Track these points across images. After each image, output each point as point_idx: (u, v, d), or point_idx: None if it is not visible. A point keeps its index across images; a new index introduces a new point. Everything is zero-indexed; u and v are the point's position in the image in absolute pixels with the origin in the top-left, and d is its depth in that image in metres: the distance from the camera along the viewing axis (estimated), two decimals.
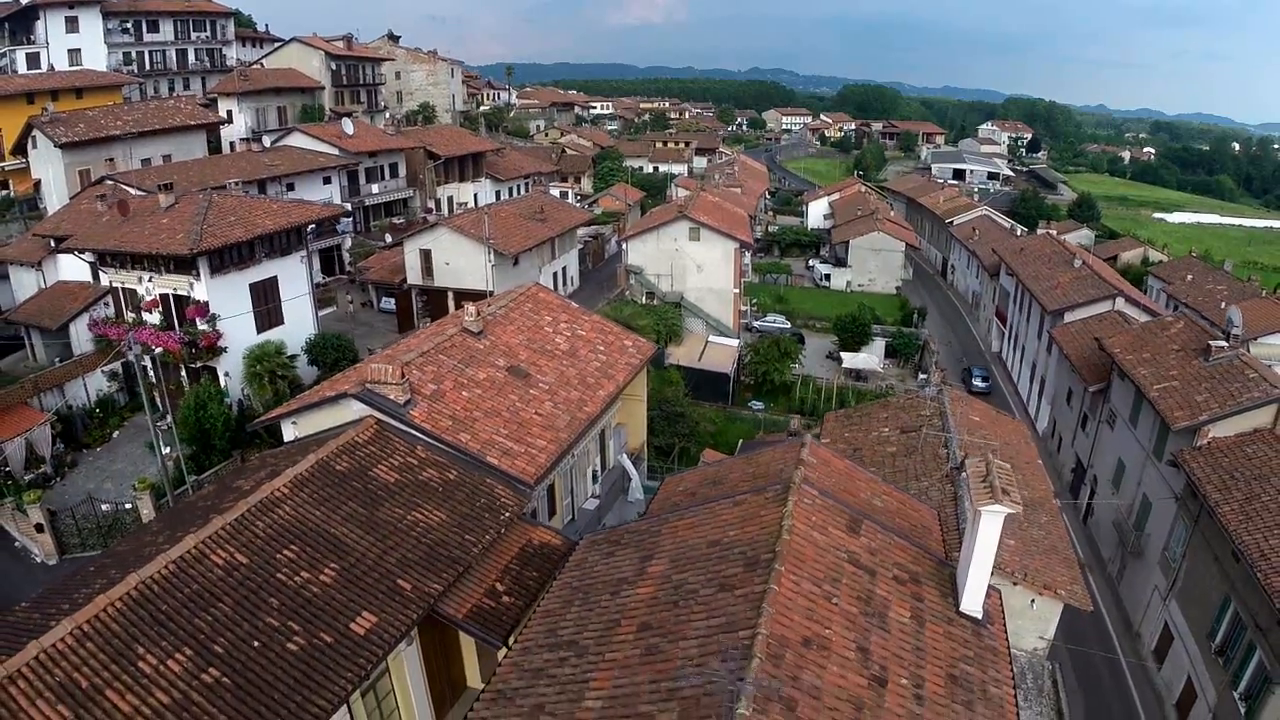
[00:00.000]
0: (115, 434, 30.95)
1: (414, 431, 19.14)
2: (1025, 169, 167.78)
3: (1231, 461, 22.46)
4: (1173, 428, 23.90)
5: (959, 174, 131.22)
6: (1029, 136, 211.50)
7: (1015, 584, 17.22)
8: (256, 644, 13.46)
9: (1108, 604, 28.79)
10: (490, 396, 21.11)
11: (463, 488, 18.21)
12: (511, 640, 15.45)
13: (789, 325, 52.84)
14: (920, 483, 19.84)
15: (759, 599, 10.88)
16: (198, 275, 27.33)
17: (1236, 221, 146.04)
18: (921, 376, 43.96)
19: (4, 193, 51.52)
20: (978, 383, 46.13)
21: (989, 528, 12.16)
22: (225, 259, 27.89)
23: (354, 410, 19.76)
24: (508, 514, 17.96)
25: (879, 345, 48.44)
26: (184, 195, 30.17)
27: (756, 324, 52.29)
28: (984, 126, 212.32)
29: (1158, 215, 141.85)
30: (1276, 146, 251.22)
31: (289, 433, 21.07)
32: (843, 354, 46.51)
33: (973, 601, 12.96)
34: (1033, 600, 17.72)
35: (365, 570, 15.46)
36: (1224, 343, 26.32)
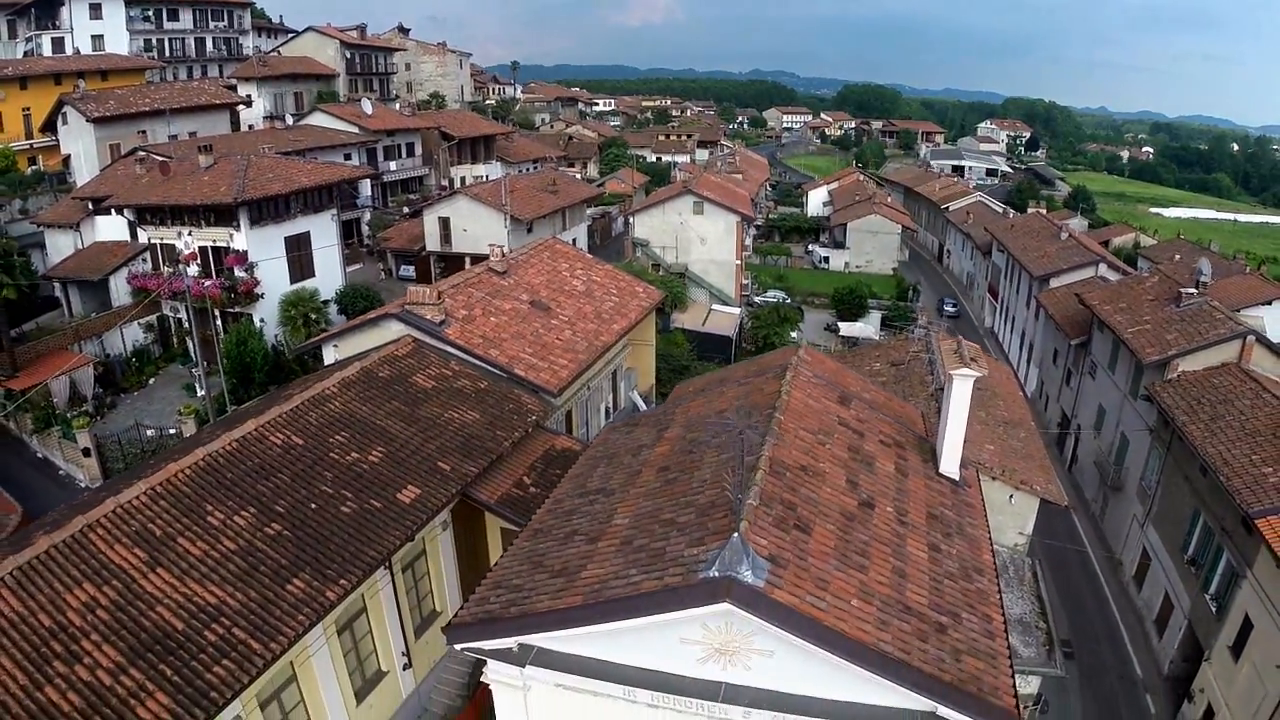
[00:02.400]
0: (151, 380, 32.83)
1: (448, 348, 21.03)
2: (1023, 166, 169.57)
3: (1199, 391, 24.29)
4: (1144, 362, 25.75)
5: (957, 170, 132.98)
6: (1028, 135, 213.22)
7: (994, 479, 19.01)
8: (314, 506, 15.35)
9: (1091, 540, 30.55)
10: (515, 323, 23.01)
11: (493, 395, 20.10)
12: None
13: (789, 300, 54.71)
14: (908, 401, 21.62)
15: (763, 435, 12.71)
16: (238, 226, 29.30)
17: (1232, 217, 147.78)
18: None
19: (33, 167, 53.51)
20: (948, 309, 57.46)
21: (960, 390, 13.96)
22: (263, 212, 29.87)
23: (393, 331, 21.69)
24: (534, 416, 19.86)
25: (875, 317, 50.34)
26: (222, 156, 32.14)
27: (757, 299, 54.15)
28: (982, 125, 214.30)
29: (1154, 210, 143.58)
30: (1276, 147, 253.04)
31: (330, 356, 22.94)
32: (840, 323, 48.40)
33: (950, 463, 14.77)
34: (1011, 495, 19.51)
35: (409, 454, 17.35)
36: (1193, 290, 28.18)
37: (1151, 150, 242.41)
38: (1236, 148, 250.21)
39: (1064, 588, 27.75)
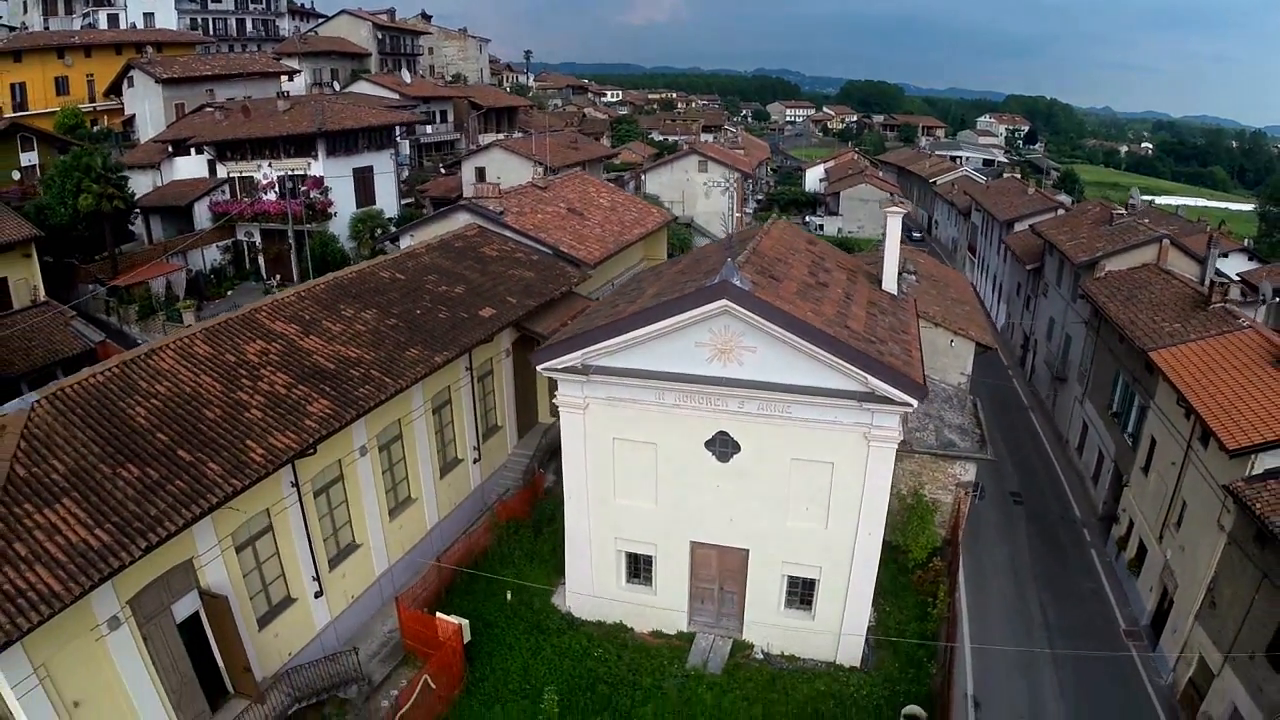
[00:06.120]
0: (230, 292, 38.01)
1: (506, 232, 26.23)
2: (1020, 159, 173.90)
3: (1120, 283, 29.28)
4: (1075, 263, 30.74)
5: (955, 161, 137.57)
6: (1026, 129, 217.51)
7: (937, 325, 23.95)
8: (418, 312, 20.56)
9: (1045, 432, 35.44)
10: (557, 220, 28.23)
11: (543, 263, 25.30)
12: None
13: None
14: None
15: (746, 247, 17.80)
16: (315, 157, 34.61)
17: (1223, 205, 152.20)
18: None
19: (96, 127, 58.88)
20: (915, 235, 68.56)
21: (892, 224, 19.05)
22: (336, 145, 35.17)
23: (460, 221, 26.93)
24: (575, 279, 25.01)
25: None
26: (297, 102, 37.43)
27: None
28: (981, 119, 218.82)
29: (1145, 198, 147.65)
30: (1277, 146, 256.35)
31: (405, 245, 28.05)
32: None
33: (890, 282, 19.87)
34: (951, 340, 24.46)
35: (483, 291, 22.55)
36: (1123, 211, 33.19)
37: (1151, 146, 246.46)
38: (1235, 144, 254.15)
39: (1020, 463, 32.56)
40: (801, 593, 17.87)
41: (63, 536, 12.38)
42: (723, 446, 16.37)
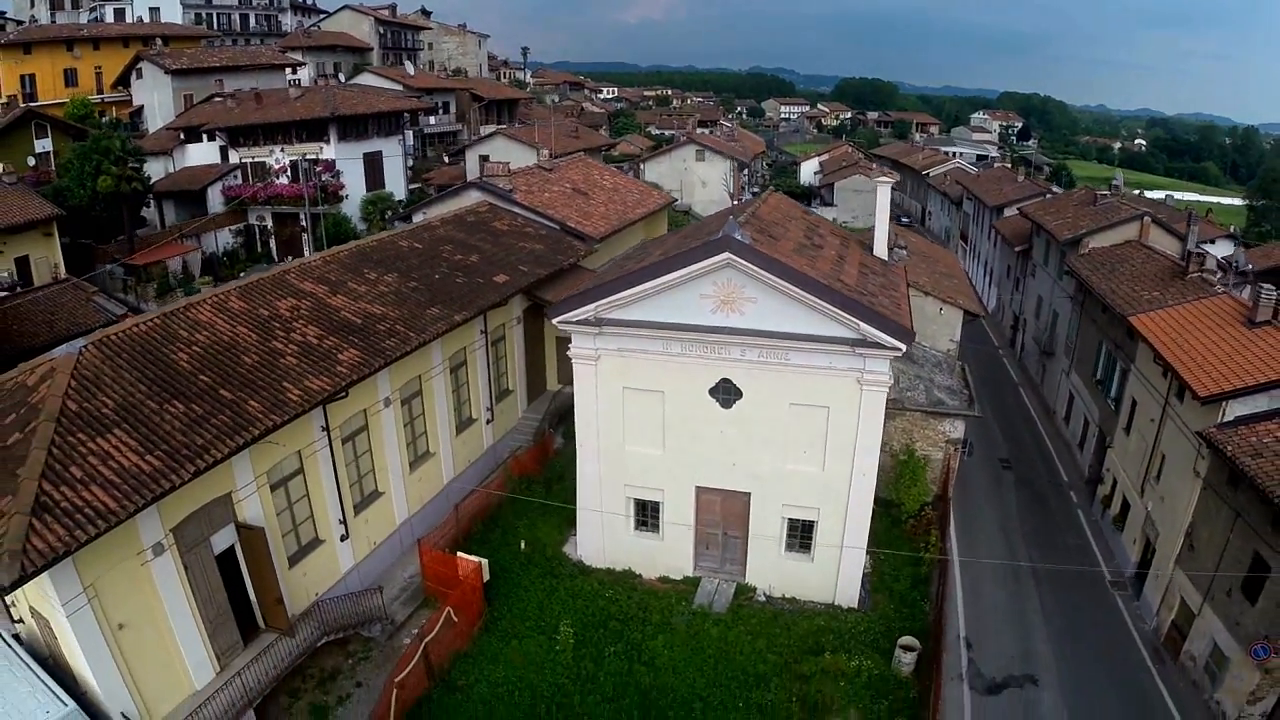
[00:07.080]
0: (242, 274, 38.96)
1: (516, 209, 27.27)
2: (1014, 154, 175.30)
3: (1104, 259, 30.44)
4: (1060, 240, 31.90)
5: (948, 154, 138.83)
6: (1020, 125, 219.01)
7: (927, 294, 25.08)
8: (437, 276, 21.59)
9: (1034, 405, 36.59)
10: (563, 199, 29.32)
11: (552, 237, 26.37)
12: None
13: None
14: None
15: (749, 209, 18.91)
16: (328, 141, 35.64)
17: (1214, 200, 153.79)
18: None
19: (104, 118, 59.75)
20: (903, 220, 71.19)
21: (882, 193, 20.18)
22: (347, 130, 36.21)
23: (472, 199, 28.00)
24: (582, 252, 26.08)
25: None
26: (308, 90, 38.46)
27: None
28: (976, 115, 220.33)
29: (1136, 192, 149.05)
30: (1269, 143, 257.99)
31: (418, 222, 29.07)
32: None
33: (880, 249, 20.98)
34: (941, 308, 25.59)
35: (496, 260, 23.61)
36: (1107, 192, 34.38)
37: (1144, 143, 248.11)
38: (1229, 141, 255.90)
39: (1010, 433, 33.66)
40: (801, 536, 18.92)
41: (115, 462, 13.37)
42: (725, 393, 17.44)
